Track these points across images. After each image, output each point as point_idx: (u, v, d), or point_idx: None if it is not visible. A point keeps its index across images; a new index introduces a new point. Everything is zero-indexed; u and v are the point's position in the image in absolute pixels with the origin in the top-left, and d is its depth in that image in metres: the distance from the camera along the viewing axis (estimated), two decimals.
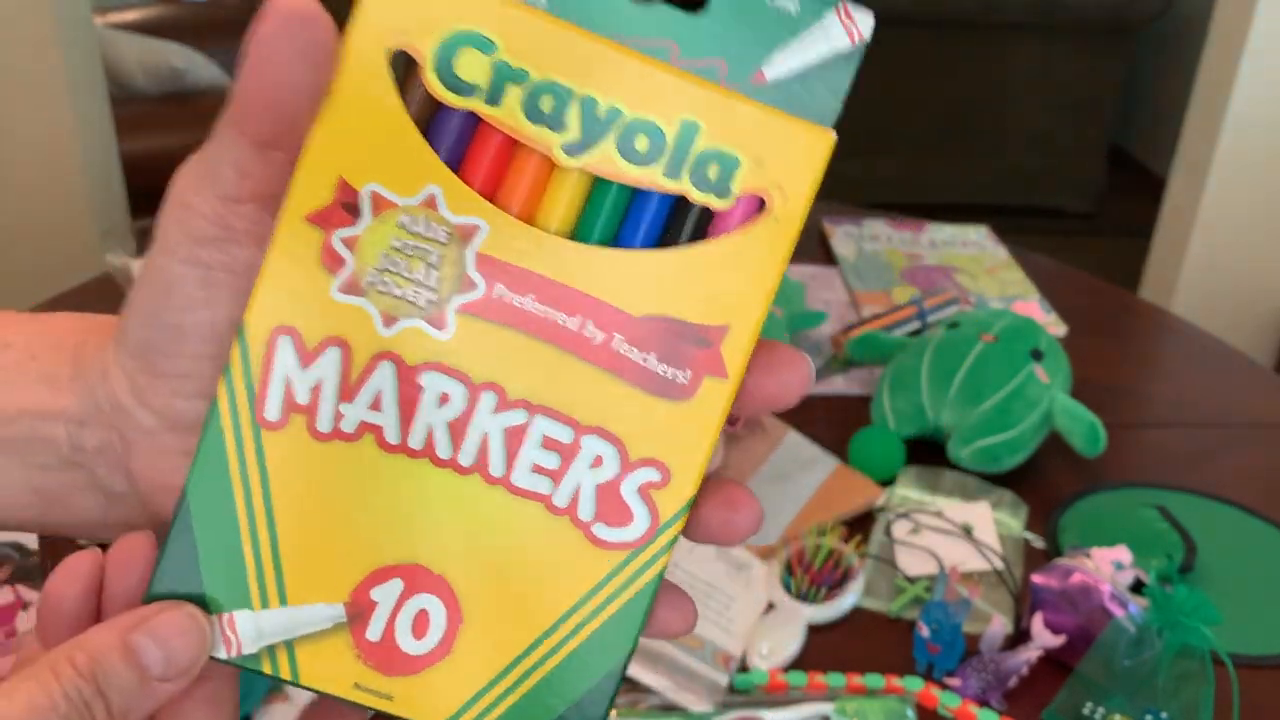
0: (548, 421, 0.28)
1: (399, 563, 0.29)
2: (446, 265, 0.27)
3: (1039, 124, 3.23)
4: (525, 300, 0.27)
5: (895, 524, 0.87)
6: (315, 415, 0.28)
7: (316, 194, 0.27)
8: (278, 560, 0.29)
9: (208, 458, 0.28)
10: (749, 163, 0.27)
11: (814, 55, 0.27)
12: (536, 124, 0.27)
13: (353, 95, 0.26)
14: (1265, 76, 1.89)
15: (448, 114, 0.27)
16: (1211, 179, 1.95)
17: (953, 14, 3.04)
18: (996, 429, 0.92)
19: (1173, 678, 0.70)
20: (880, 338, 1.05)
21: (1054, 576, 0.75)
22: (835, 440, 0.96)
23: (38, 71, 1.67)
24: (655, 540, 0.29)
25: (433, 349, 0.28)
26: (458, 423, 0.28)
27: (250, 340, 0.28)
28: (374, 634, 0.29)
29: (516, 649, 0.29)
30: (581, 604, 0.29)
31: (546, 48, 0.26)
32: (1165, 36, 3.45)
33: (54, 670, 0.25)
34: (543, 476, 0.28)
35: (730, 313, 0.28)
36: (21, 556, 0.82)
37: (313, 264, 0.27)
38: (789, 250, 0.28)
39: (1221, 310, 2.01)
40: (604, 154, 0.27)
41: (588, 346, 0.28)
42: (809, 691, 0.72)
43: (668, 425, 0.28)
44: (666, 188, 0.27)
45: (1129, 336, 1.22)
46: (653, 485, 0.28)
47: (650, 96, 0.27)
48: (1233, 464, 0.99)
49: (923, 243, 1.37)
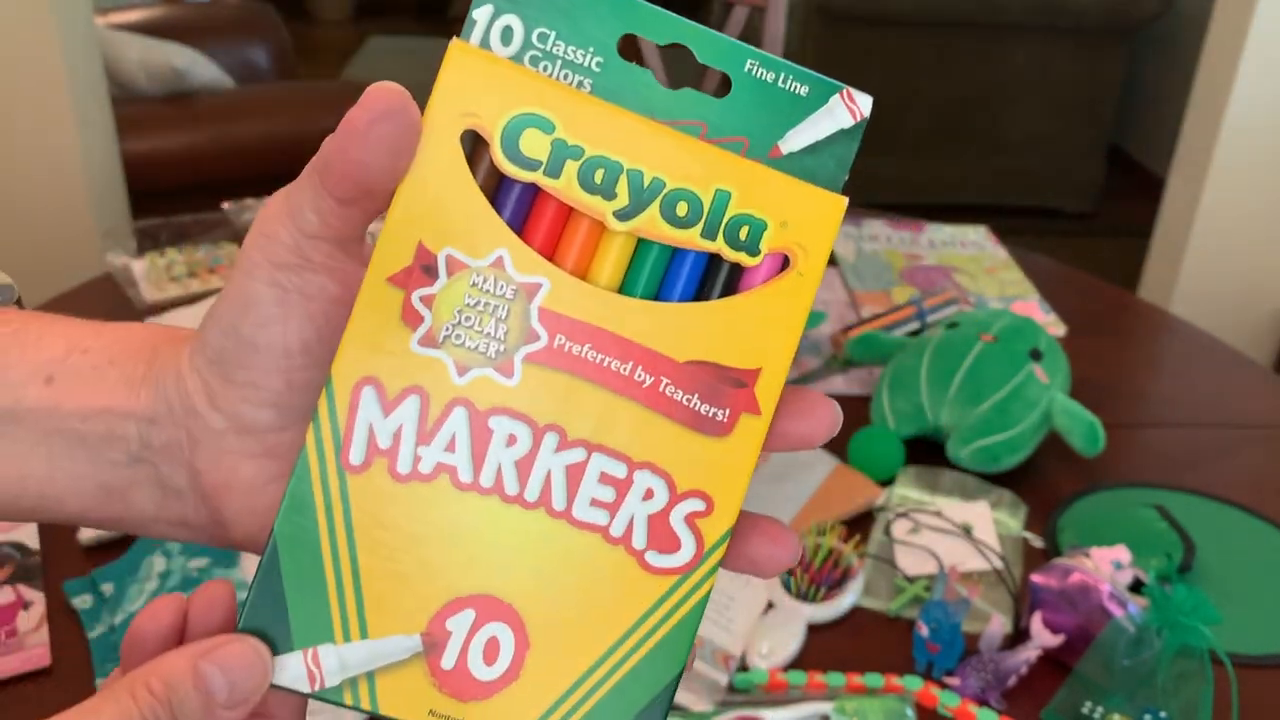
0: (604, 459, 0.31)
1: (471, 594, 0.31)
2: (513, 319, 0.30)
3: (1038, 124, 3.23)
4: (583, 349, 0.30)
5: (895, 523, 0.88)
6: (396, 458, 0.30)
7: (398, 257, 0.30)
8: (359, 596, 0.31)
9: (296, 500, 0.30)
10: (775, 225, 0.31)
11: (822, 132, 0.31)
12: (591, 194, 0.30)
13: (431, 169, 0.30)
14: (1265, 77, 1.89)
15: (511, 184, 0.30)
16: (1210, 179, 1.96)
17: (953, 14, 3.04)
18: (996, 429, 0.93)
19: (1172, 677, 0.71)
20: (880, 338, 1.05)
21: (1053, 576, 0.75)
22: (835, 440, 0.96)
23: (39, 72, 1.67)
24: (702, 564, 0.31)
25: (501, 395, 0.30)
26: (524, 461, 0.31)
27: (337, 390, 0.30)
28: (448, 663, 0.31)
29: (579, 671, 0.31)
30: (637, 626, 0.31)
31: (596, 126, 0.30)
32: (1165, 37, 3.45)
33: (132, 693, 0.28)
34: (600, 509, 0.31)
35: (762, 357, 0.31)
36: (22, 556, 0.82)
37: (394, 320, 0.30)
38: (810, 301, 0.31)
39: (1220, 310, 2.01)
40: (649, 218, 0.30)
41: (638, 390, 0.31)
42: (809, 691, 0.73)
43: (710, 459, 0.31)
44: (704, 247, 0.31)
45: (1128, 336, 1.22)
46: (698, 514, 0.31)
47: (688, 169, 0.30)
48: (1231, 464, 0.99)
49: (922, 243, 1.38)
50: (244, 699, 0.29)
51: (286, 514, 0.30)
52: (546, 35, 0.30)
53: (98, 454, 0.32)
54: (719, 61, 0.31)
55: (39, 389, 0.32)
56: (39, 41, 1.65)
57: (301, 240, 0.30)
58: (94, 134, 1.78)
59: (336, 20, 5.34)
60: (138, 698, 0.27)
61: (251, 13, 2.70)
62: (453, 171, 0.30)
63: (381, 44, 4.93)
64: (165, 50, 2.22)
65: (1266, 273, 2.04)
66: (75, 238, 1.76)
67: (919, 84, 3.13)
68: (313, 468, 0.30)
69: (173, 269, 1.21)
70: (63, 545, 0.83)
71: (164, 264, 1.22)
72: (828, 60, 3.10)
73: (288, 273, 0.30)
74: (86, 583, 0.79)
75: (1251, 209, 1.98)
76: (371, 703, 0.30)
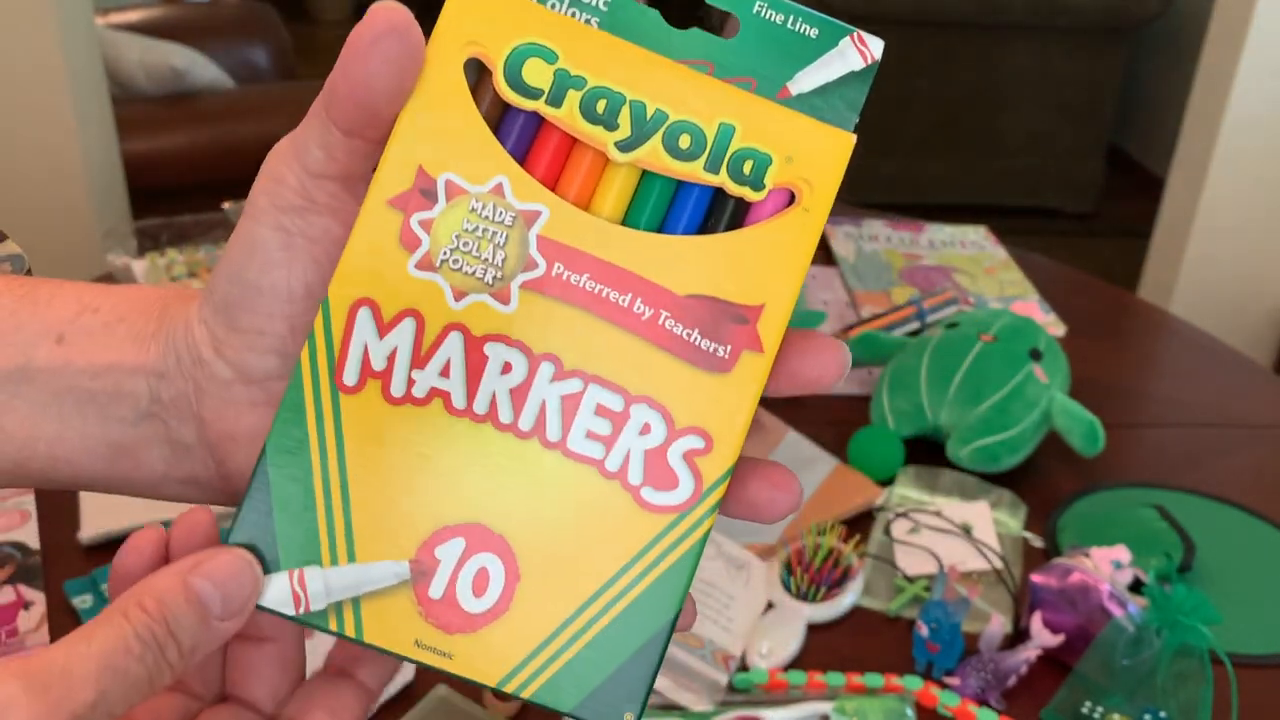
0: (601, 390, 0.30)
1: (461, 522, 0.30)
2: (511, 245, 0.30)
3: (1038, 124, 3.23)
4: (581, 278, 0.30)
5: (894, 523, 0.88)
6: (390, 380, 0.30)
7: (398, 180, 0.30)
8: (349, 519, 0.30)
9: (287, 418, 0.30)
10: (780, 160, 0.30)
11: (832, 74, 0.31)
12: (593, 123, 0.30)
13: (433, 95, 0.30)
14: (1264, 76, 1.89)
15: (515, 114, 0.30)
16: (1210, 179, 1.96)
17: (953, 14, 3.04)
18: (995, 429, 0.93)
19: (1171, 677, 0.71)
20: (880, 338, 1.05)
21: (1053, 576, 0.75)
22: (835, 440, 0.96)
23: (39, 72, 1.67)
24: (700, 504, 0.30)
25: (497, 322, 0.30)
26: (519, 390, 0.30)
27: (333, 310, 0.30)
28: (436, 592, 0.30)
29: (570, 608, 0.30)
30: (632, 564, 0.30)
31: (601, 58, 0.30)
32: (1164, 36, 3.45)
33: (125, 614, 0.27)
34: (596, 442, 0.30)
35: (766, 293, 0.30)
36: (23, 556, 0.82)
37: (392, 243, 0.30)
38: (816, 238, 0.30)
39: (1220, 310, 2.01)
40: (652, 150, 0.30)
41: (637, 322, 0.30)
42: (809, 690, 0.73)
43: (710, 396, 0.30)
44: (707, 180, 0.30)
45: (1128, 336, 1.22)
46: (697, 452, 0.30)
47: (692, 102, 0.30)
48: (1231, 463, 0.99)
49: (922, 243, 1.38)
50: (238, 609, 0.29)
51: (279, 429, 0.30)
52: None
53: (107, 412, 0.32)
54: (727, 3, 0.31)
55: (50, 348, 0.32)
56: (39, 41, 1.65)
57: (306, 180, 0.30)
58: (94, 134, 1.78)
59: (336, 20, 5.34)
60: (131, 617, 0.27)
61: (251, 13, 2.70)
62: (455, 98, 0.30)
63: None
64: (165, 50, 2.22)
65: (1266, 273, 2.04)
66: (76, 238, 1.76)
67: (919, 84, 3.13)
68: (306, 387, 0.30)
69: (173, 269, 1.21)
70: (63, 545, 0.83)
71: (164, 264, 1.22)
72: None
73: (292, 215, 0.30)
74: (87, 583, 0.79)
75: (1251, 209, 1.98)
76: (357, 630, 0.30)
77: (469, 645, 0.30)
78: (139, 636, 0.27)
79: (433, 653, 0.30)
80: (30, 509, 0.86)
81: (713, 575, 0.80)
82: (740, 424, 0.30)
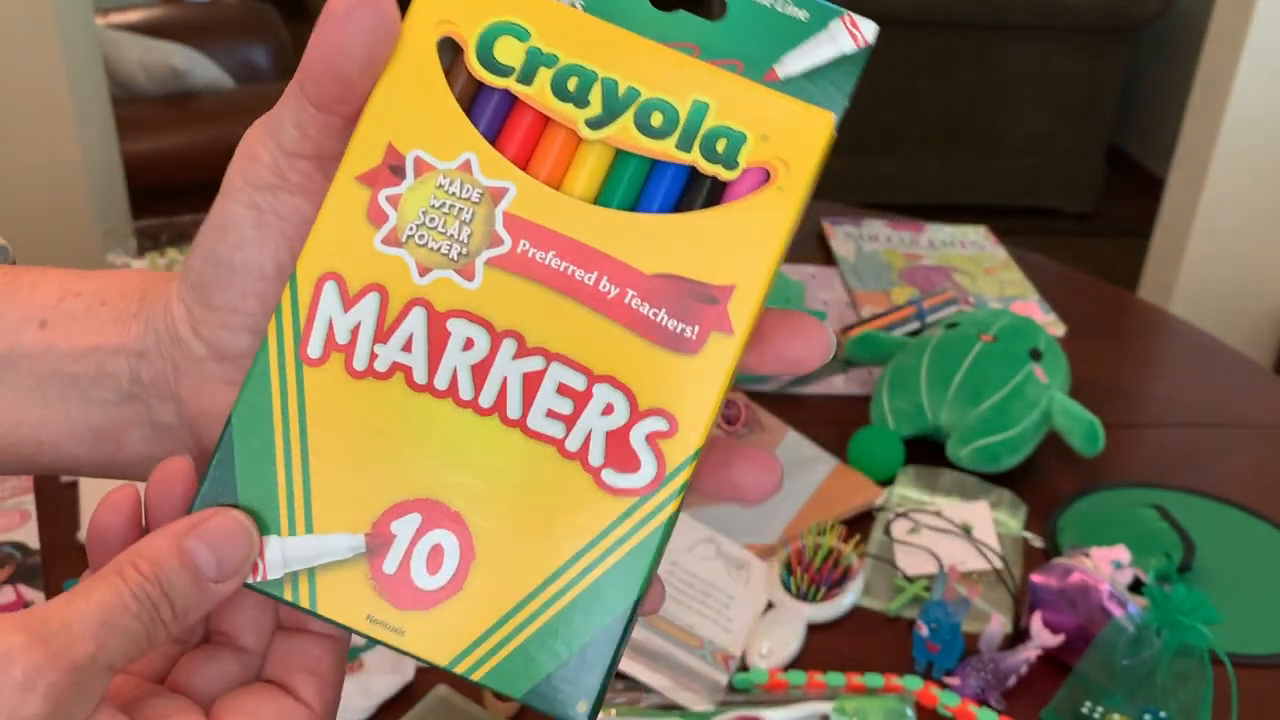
0: (563, 369, 0.30)
1: (419, 497, 0.30)
2: (477, 222, 0.30)
3: (1038, 124, 3.23)
4: (547, 256, 0.30)
5: (894, 523, 0.88)
6: (353, 354, 0.30)
7: (368, 157, 0.30)
8: (308, 490, 0.30)
9: (253, 388, 0.30)
10: (755, 139, 0.29)
11: (822, 57, 0.30)
12: (563, 101, 0.30)
13: (405, 73, 0.30)
14: (1264, 76, 1.89)
15: (488, 93, 0.30)
16: (1210, 179, 1.96)
17: (953, 14, 3.04)
18: (995, 429, 0.93)
19: (1171, 677, 0.71)
20: (879, 338, 1.05)
21: (1053, 576, 0.75)
22: (835, 440, 0.96)
23: (39, 72, 1.67)
24: (663, 488, 0.30)
25: (461, 298, 0.30)
26: (480, 366, 0.30)
27: (300, 284, 0.30)
28: (390, 567, 0.30)
29: (525, 590, 0.30)
30: (589, 548, 0.30)
31: (575, 37, 0.30)
32: (1164, 36, 3.45)
33: (120, 575, 0.27)
34: (556, 421, 0.30)
35: (737, 273, 0.29)
36: (22, 556, 0.82)
37: (360, 218, 0.30)
38: (793, 218, 0.30)
39: (1220, 310, 2.01)
40: (622, 128, 0.30)
41: (603, 301, 0.30)
42: (809, 691, 0.73)
43: (676, 377, 0.30)
44: (679, 159, 0.30)
45: (1128, 336, 1.22)
46: (660, 434, 0.30)
47: (666, 80, 0.30)
48: (1231, 464, 0.99)
49: (922, 243, 1.38)
50: (233, 571, 0.29)
51: (244, 399, 0.30)
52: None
53: (89, 394, 0.32)
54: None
55: (34, 333, 0.32)
56: (39, 41, 1.65)
57: (280, 158, 0.30)
58: (94, 134, 1.78)
59: None
60: (126, 577, 0.27)
61: (251, 13, 2.70)
62: (427, 76, 0.30)
63: None
64: (165, 50, 2.22)
65: (1266, 273, 2.04)
66: (76, 238, 1.76)
67: (919, 84, 3.13)
68: (272, 359, 0.30)
69: (173, 269, 1.21)
70: (63, 545, 0.83)
71: (164, 264, 1.22)
72: None
73: (265, 193, 0.30)
74: None
75: (1251, 209, 1.98)
76: (311, 601, 0.30)
77: (421, 623, 0.30)
78: (135, 596, 0.27)
79: (385, 628, 0.30)
80: (30, 509, 0.86)
81: (713, 575, 0.80)
82: (707, 406, 0.30)
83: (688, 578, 0.79)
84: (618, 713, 0.69)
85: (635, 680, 0.71)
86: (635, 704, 0.70)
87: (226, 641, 0.32)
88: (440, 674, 0.72)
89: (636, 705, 0.70)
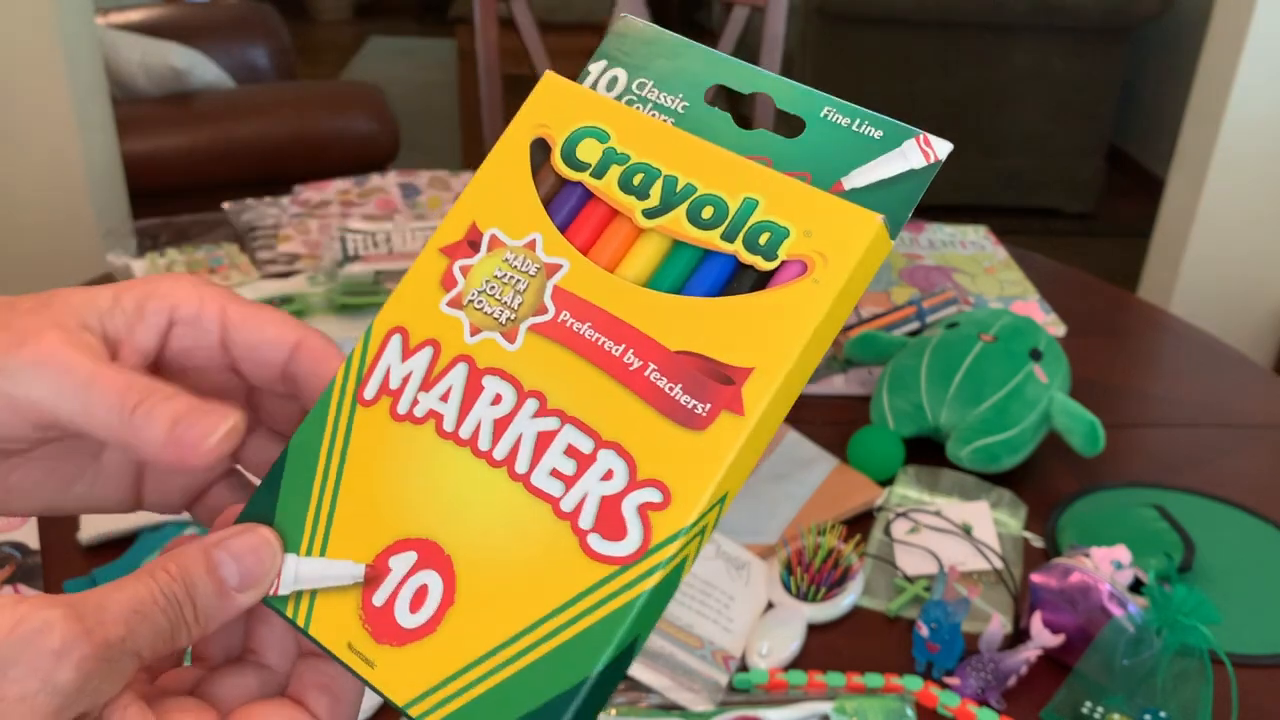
0: (574, 431, 0.31)
1: (419, 537, 0.31)
2: (529, 292, 0.32)
3: (1038, 124, 3.23)
4: (583, 327, 0.32)
5: (894, 523, 0.88)
6: (399, 399, 0.33)
7: (453, 232, 0.34)
8: (332, 515, 0.32)
9: (314, 420, 0.33)
10: (798, 234, 0.31)
11: (889, 171, 0.31)
12: (627, 194, 0.33)
13: (499, 166, 0.34)
14: (1264, 77, 1.89)
15: (569, 187, 0.34)
16: (1210, 179, 1.96)
17: (953, 14, 3.04)
18: (995, 429, 0.93)
19: (1171, 677, 0.71)
20: (879, 337, 1.05)
21: (1053, 576, 0.75)
22: (835, 440, 0.96)
23: (40, 72, 1.67)
24: (645, 559, 0.29)
25: (501, 358, 0.32)
26: (502, 421, 0.32)
27: (373, 334, 0.34)
28: (379, 600, 0.31)
29: (492, 642, 0.30)
30: (562, 610, 0.30)
31: (650, 142, 0.33)
32: (1164, 37, 3.45)
33: (152, 575, 0.30)
34: (558, 480, 0.31)
35: (757, 358, 0.30)
36: (22, 556, 0.82)
37: (434, 283, 0.34)
38: (824, 309, 0.30)
39: (1220, 310, 2.01)
40: (675, 218, 0.32)
41: (624, 371, 0.31)
42: (809, 691, 0.73)
43: (679, 451, 0.30)
44: (721, 248, 0.31)
45: (1128, 336, 1.22)
46: (652, 505, 0.30)
47: (724, 179, 0.32)
48: (1231, 464, 0.99)
49: (922, 243, 1.38)
50: (255, 583, 0.31)
51: (303, 429, 0.33)
52: (644, 84, 0.34)
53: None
54: (796, 107, 0.32)
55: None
56: (40, 41, 1.65)
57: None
58: (94, 134, 1.78)
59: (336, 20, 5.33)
60: (157, 578, 0.29)
61: (251, 13, 2.71)
62: (516, 169, 0.34)
63: (381, 44, 4.93)
64: (165, 50, 2.22)
65: (1266, 273, 2.04)
66: (76, 238, 1.76)
67: (919, 84, 3.13)
68: (335, 395, 0.33)
69: (173, 269, 1.21)
70: (63, 545, 0.83)
71: (164, 264, 1.22)
72: (828, 60, 3.10)
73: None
74: (86, 583, 0.79)
75: (1251, 209, 1.98)
76: (306, 621, 0.32)
77: (391, 658, 0.31)
78: (163, 592, 0.29)
79: (359, 658, 0.31)
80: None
81: (713, 575, 0.80)
82: (705, 484, 0.29)
83: (688, 577, 0.79)
84: (618, 713, 0.69)
85: (635, 680, 0.71)
86: (635, 704, 0.70)
87: (253, 659, 0.33)
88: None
89: (636, 705, 0.70)
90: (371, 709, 0.69)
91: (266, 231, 1.27)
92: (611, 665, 0.29)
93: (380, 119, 2.36)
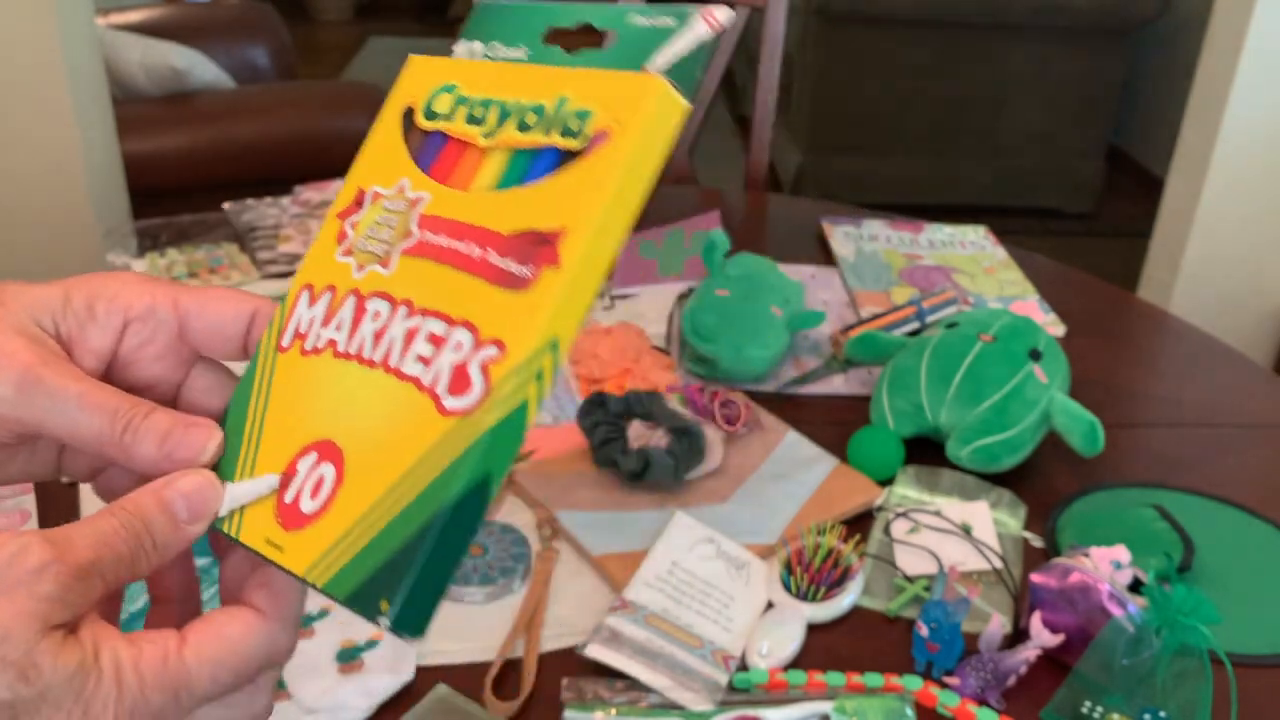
0: (433, 321, 0.36)
1: (318, 439, 0.36)
2: (399, 225, 0.38)
3: (1038, 124, 3.24)
4: (439, 238, 0.37)
5: (894, 523, 0.88)
6: (307, 339, 0.38)
7: (345, 200, 0.40)
8: (258, 444, 0.37)
9: (246, 376, 0.39)
10: (599, 110, 0.35)
11: (684, 48, 0.36)
12: (471, 125, 0.38)
13: (375, 140, 0.41)
14: (1264, 77, 1.89)
15: (431, 137, 0.39)
16: (1210, 179, 1.96)
17: (953, 14, 3.04)
18: (995, 429, 0.93)
19: (1171, 677, 0.71)
20: (879, 338, 1.05)
21: (1053, 576, 0.75)
22: (835, 440, 0.96)
23: (40, 73, 1.67)
24: (485, 402, 0.33)
25: (380, 282, 0.38)
26: (380, 331, 0.37)
27: (288, 296, 0.39)
28: (288, 497, 0.36)
29: (365, 505, 0.34)
30: (421, 462, 0.34)
31: (487, 82, 0.39)
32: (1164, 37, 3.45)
33: (112, 512, 0.34)
34: (420, 364, 0.35)
35: (568, 218, 0.34)
36: None
37: (332, 242, 0.40)
38: (626, 165, 0.34)
39: (1220, 310, 2.01)
40: (506, 131, 0.37)
41: (469, 261, 0.36)
42: (808, 690, 0.73)
43: (512, 311, 0.34)
44: (545, 142, 0.36)
45: (1127, 336, 1.22)
46: (491, 360, 0.34)
47: (543, 89, 0.37)
48: (1231, 464, 1.00)
49: (921, 243, 1.38)
50: (201, 515, 0.36)
51: (240, 385, 0.39)
52: (495, 45, 0.40)
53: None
54: (609, 23, 0.37)
55: None
56: (40, 42, 1.65)
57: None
58: (95, 134, 1.78)
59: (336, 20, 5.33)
60: (116, 514, 0.34)
61: (251, 13, 2.71)
62: (389, 136, 0.40)
63: (381, 44, 4.93)
64: (165, 50, 2.22)
65: (1266, 273, 2.04)
66: (76, 238, 1.76)
67: (919, 84, 3.13)
68: (260, 352, 0.39)
69: (173, 269, 1.21)
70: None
71: (164, 264, 1.22)
72: (828, 60, 3.10)
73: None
74: None
75: (1251, 209, 1.98)
76: (236, 531, 0.36)
77: (296, 540, 0.35)
78: (124, 525, 0.34)
79: (273, 547, 0.35)
80: (30, 509, 0.86)
81: (712, 575, 0.80)
82: (532, 329, 0.34)
83: (687, 578, 0.79)
84: (618, 712, 0.69)
85: (635, 680, 0.71)
86: (635, 704, 0.70)
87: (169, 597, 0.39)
88: (439, 673, 0.72)
89: (636, 705, 0.70)
90: (371, 708, 0.69)
91: (267, 231, 1.27)
92: (465, 499, 0.33)
93: None
